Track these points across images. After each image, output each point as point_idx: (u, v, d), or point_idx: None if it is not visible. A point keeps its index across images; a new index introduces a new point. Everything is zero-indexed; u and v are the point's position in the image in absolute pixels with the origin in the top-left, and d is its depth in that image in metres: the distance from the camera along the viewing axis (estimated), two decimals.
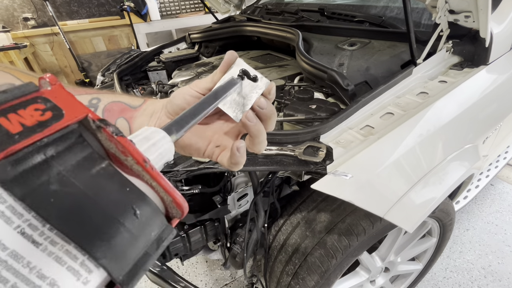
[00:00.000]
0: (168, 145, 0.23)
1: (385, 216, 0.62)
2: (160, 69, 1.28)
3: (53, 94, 0.18)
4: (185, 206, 0.20)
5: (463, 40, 0.84)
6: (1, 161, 0.14)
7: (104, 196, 0.17)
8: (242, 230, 0.91)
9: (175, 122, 0.25)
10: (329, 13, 1.23)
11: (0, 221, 0.13)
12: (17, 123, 0.15)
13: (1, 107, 0.15)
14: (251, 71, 0.32)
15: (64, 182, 0.16)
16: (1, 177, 0.14)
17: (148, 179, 0.19)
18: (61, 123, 0.17)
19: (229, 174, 0.84)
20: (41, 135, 0.16)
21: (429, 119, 0.70)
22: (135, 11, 3.28)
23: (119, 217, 0.16)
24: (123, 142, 0.18)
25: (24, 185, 0.14)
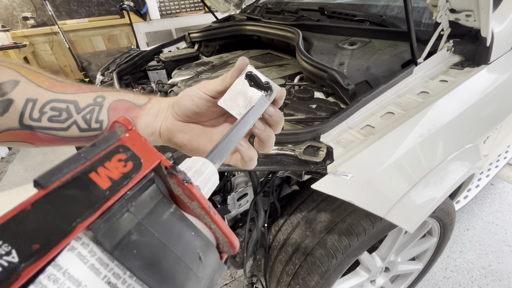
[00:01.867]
0: (215, 177, 0.24)
1: (385, 216, 0.62)
2: (160, 68, 1.28)
3: (131, 141, 0.19)
4: (238, 245, 0.21)
5: (464, 39, 0.84)
6: (97, 220, 0.15)
7: (175, 242, 0.18)
8: (242, 230, 0.90)
9: (217, 150, 0.27)
10: (329, 12, 1.23)
11: (91, 274, 0.15)
12: (106, 177, 0.17)
13: (91, 161, 0.17)
14: (262, 77, 0.32)
15: (142, 231, 0.17)
16: (95, 233, 0.15)
17: (208, 221, 0.20)
18: (140, 174, 0.18)
19: (229, 174, 0.83)
20: (126, 189, 0.17)
21: (430, 118, 0.70)
22: (135, 10, 3.28)
23: (188, 263, 0.18)
24: (192, 188, 0.19)
25: (112, 239, 0.16)
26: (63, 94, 0.33)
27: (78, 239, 0.15)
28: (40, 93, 0.32)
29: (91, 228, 0.15)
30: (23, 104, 0.32)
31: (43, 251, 0.13)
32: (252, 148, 0.33)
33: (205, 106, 0.33)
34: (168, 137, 0.36)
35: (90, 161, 0.17)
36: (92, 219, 0.15)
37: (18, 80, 0.32)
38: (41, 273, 0.13)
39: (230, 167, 0.64)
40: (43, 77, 0.34)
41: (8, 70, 0.32)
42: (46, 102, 0.32)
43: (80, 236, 0.15)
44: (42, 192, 0.14)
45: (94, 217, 0.15)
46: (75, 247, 0.15)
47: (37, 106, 0.32)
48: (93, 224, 0.15)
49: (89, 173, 0.16)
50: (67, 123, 0.33)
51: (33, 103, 0.32)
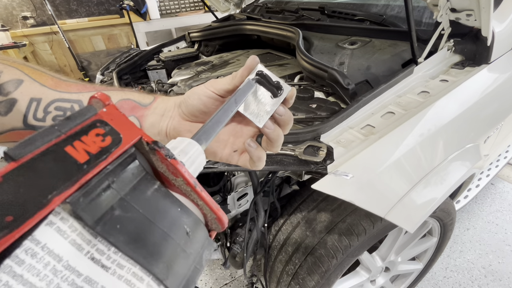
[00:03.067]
0: (201, 157, 0.24)
1: (386, 216, 0.62)
2: (160, 68, 1.28)
3: (109, 116, 0.19)
4: (226, 221, 0.21)
5: (465, 39, 0.83)
6: (75, 193, 0.15)
7: (160, 218, 0.18)
8: (242, 230, 0.90)
9: (204, 131, 0.26)
10: (329, 12, 1.22)
11: (73, 249, 0.14)
12: (83, 151, 0.16)
13: (66, 134, 0.16)
14: (273, 77, 0.32)
15: (126, 207, 0.17)
16: (74, 207, 0.15)
17: (195, 198, 0.20)
18: (120, 148, 0.18)
19: (229, 174, 0.83)
20: (105, 163, 0.17)
21: (430, 118, 0.69)
22: (135, 9, 3.27)
23: (175, 238, 0.18)
24: (176, 164, 0.19)
25: (93, 213, 0.15)
26: (68, 94, 0.33)
27: (56, 213, 0.14)
28: (44, 92, 0.32)
29: (69, 201, 0.14)
30: (27, 103, 0.31)
31: (17, 223, 0.12)
32: (260, 148, 0.32)
33: (213, 105, 0.33)
34: (175, 137, 0.35)
35: (65, 134, 0.16)
36: (70, 192, 0.14)
37: (21, 79, 0.31)
38: (18, 248, 0.13)
39: (230, 167, 0.64)
40: (46, 76, 0.33)
41: (11, 69, 0.31)
42: (50, 101, 0.32)
43: (58, 211, 0.14)
44: (13, 164, 0.14)
45: (71, 191, 0.15)
46: (53, 221, 0.14)
47: (41, 106, 0.32)
48: (71, 197, 0.14)
49: (64, 147, 0.15)
50: None
51: (37, 102, 0.32)
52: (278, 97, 0.32)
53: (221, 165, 0.64)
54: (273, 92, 0.31)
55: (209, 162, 0.64)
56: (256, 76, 0.31)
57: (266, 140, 0.33)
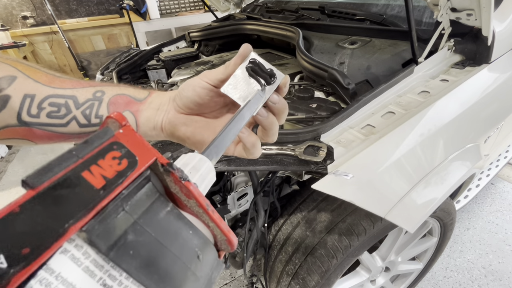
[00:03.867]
0: (212, 173, 0.24)
1: (386, 216, 0.62)
2: (160, 67, 1.28)
3: (126, 138, 0.19)
4: (236, 242, 0.21)
5: (465, 38, 0.83)
6: (90, 221, 0.15)
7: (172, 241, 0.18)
8: (242, 230, 0.90)
9: (214, 146, 0.26)
10: (329, 11, 1.22)
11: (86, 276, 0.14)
12: (100, 176, 0.16)
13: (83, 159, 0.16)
14: (266, 64, 0.31)
15: (139, 231, 0.16)
16: (89, 235, 0.14)
17: (206, 219, 0.20)
18: (136, 171, 0.17)
19: (229, 174, 0.83)
20: (121, 188, 0.16)
21: (431, 118, 0.69)
22: (135, 9, 3.27)
23: (186, 262, 0.18)
24: (189, 186, 0.19)
25: (107, 240, 0.15)
26: (62, 90, 0.33)
27: (71, 241, 0.14)
28: (38, 88, 0.32)
29: (85, 229, 0.14)
30: (20, 100, 0.31)
31: (34, 255, 0.12)
32: (253, 134, 0.32)
33: (208, 96, 0.33)
34: (171, 130, 0.35)
35: (82, 159, 0.16)
36: (86, 220, 0.14)
37: (15, 75, 0.31)
38: (33, 278, 0.13)
39: (230, 167, 0.63)
40: (40, 73, 0.33)
41: (4, 66, 0.31)
42: (44, 97, 0.32)
43: (73, 238, 0.14)
44: (31, 192, 0.14)
45: (88, 218, 0.14)
46: (68, 249, 0.14)
47: (35, 102, 0.31)
48: (87, 225, 0.14)
49: (81, 172, 0.15)
50: (66, 119, 0.33)
51: (31, 99, 0.31)
52: (272, 84, 0.31)
53: (221, 165, 0.64)
54: (266, 80, 0.31)
55: None
56: (249, 63, 0.31)
57: (261, 129, 0.33)
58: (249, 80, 0.31)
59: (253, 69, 0.31)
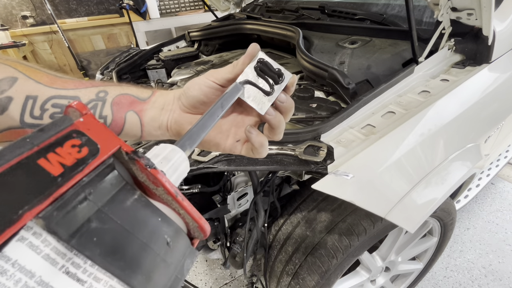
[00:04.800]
0: (185, 163, 0.24)
1: (386, 216, 0.62)
2: (160, 67, 1.27)
3: (86, 125, 0.18)
4: (209, 229, 0.20)
5: (465, 38, 0.83)
6: (48, 208, 0.14)
7: (140, 228, 0.17)
8: (242, 230, 0.90)
9: (188, 137, 0.26)
10: (329, 11, 1.22)
11: (46, 264, 0.14)
12: (57, 163, 0.15)
13: (39, 146, 0.15)
14: (274, 64, 0.32)
15: (103, 219, 0.16)
16: (47, 222, 0.14)
17: (176, 207, 0.20)
18: (97, 159, 0.17)
19: (229, 174, 0.83)
20: (81, 175, 0.16)
21: (431, 118, 0.69)
22: (134, 9, 3.26)
23: (155, 249, 0.17)
24: (156, 174, 0.19)
25: (68, 227, 0.15)
26: (64, 90, 0.32)
27: (28, 228, 0.14)
28: (40, 89, 0.31)
29: (41, 216, 0.14)
30: (22, 101, 0.31)
31: None
32: (261, 134, 0.32)
33: (214, 95, 0.33)
34: (177, 130, 0.35)
35: (37, 147, 0.15)
36: (42, 206, 0.14)
37: (16, 76, 0.31)
38: None
39: (230, 167, 0.63)
40: (41, 73, 0.33)
41: (4, 67, 0.31)
42: (47, 98, 0.31)
43: (30, 226, 0.14)
44: None
45: (44, 205, 0.14)
46: (25, 237, 0.14)
47: (37, 103, 0.31)
48: (44, 211, 0.14)
49: (37, 159, 0.15)
50: None
51: (34, 100, 0.31)
52: (280, 84, 0.32)
53: (221, 165, 0.64)
54: (275, 79, 0.31)
55: (210, 161, 0.64)
56: (258, 63, 0.31)
57: (268, 127, 0.33)
58: (258, 79, 0.31)
59: (261, 69, 0.31)
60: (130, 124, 0.35)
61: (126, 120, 0.34)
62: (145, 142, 0.75)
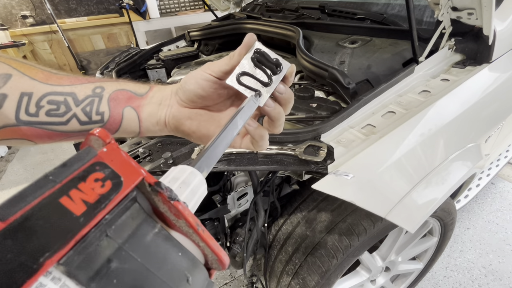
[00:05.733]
0: (203, 187, 0.23)
1: (386, 216, 0.62)
2: (159, 67, 1.27)
3: (110, 157, 0.17)
4: (228, 262, 0.20)
5: (466, 37, 0.83)
6: (69, 252, 0.13)
7: (160, 266, 0.16)
8: (242, 230, 0.90)
9: (206, 157, 0.25)
10: (330, 11, 1.22)
11: None
12: (80, 201, 0.15)
13: (62, 183, 0.15)
14: (271, 54, 0.31)
15: (124, 257, 0.15)
16: (68, 268, 0.13)
17: (196, 239, 0.19)
18: (120, 193, 0.16)
19: (229, 173, 0.83)
20: (104, 212, 0.15)
21: (431, 118, 0.69)
22: (134, 8, 3.26)
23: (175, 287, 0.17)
24: (178, 206, 0.18)
25: (88, 270, 0.14)
26: (60, 87, 0.32)
27: (47, 274, 0.13)
28: (35, 86, 0.31)
29: (62, 262, 0.13)
30: (17, 98, 0.30)
31: None
32: (261, 127, 0.32)
33: (211, 88, 0.32)
34: (175, 125, 0.35)
35: (60, 184, 0.14)
36: (64, 251, 0.13)
37: (9, 73, 0.30)
38: None
39: (230, 167, 0.63)
40: (36, 70, 0.32)
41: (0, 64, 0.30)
42: (42, 95, 0.31)
43: (50, 271, 0.13)
44: (0, 225, 0.12)
45: (66, 250, 0.13)
46: (43, 283, 0.13)
47: (33, 100, 0.30)
48: (65, 257, 0.13)
49: (59, 198, 0.14)
50: (66, 117, 0.32)
51: (29, 97, 0.30)
52: (278, 74, 0.31)
53: (221, 165, 0.63)
54: (272, 70, 0.31)
55: None
56: (254, 54, 0.30)
57: (267, 120, 0.33)
58: (255, 70, 0.30)
59: (258, 59, 0.30)
60: (128, 120, 0.34)
61: (124, 116, 0.34)
62: (145, 142, 0.75)
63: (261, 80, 0.30)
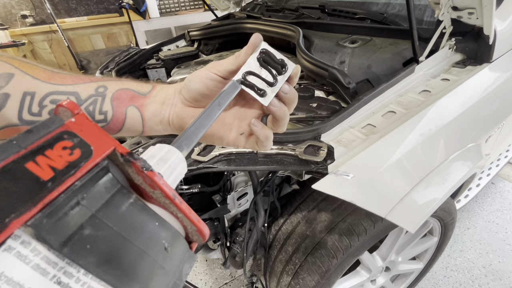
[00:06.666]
0: (182, 164, 0.23)
1: (387, 216, 0.62)
2: (159, 67, 1.27)
3: (78, 126, 0.17)
4: (208, 233, 0.20)
5: (466, 37, 0.83)
6: (37, 215, 0.13)
7: (136, 234, 0.16)
8: (242, 230, 0.90)
9: (185, 137, 0.25)
10: (330, 10, 1.22)
11: (36, 274, 0.13)
12: (47, 167, 0.14)
13: (27, 149, 0.14)
14: (277, 55, 0.31)
15: (97, 225, 0.15)
16: (37, 230, 0.13)
17: (174, 210, 0.19)
18: (90, 162, 0.16)
19: (229, 173, 0.83)
20: (73, 179, 0.15)
21: (432, 117, 0.69)
22: (134, 8, 3.26)
23: (152, 255, 0.17)
24: (153, 176, 0.18)
25: (60, 235, 0.14)
26: (62, 86, 0.32)
27: (16, 237, 0.13)
28: (37, 85, 0.31)
29: (30, 224, 0.13)
30: (20, 98, 0.30)
31: None
32: (266, 127, 0.32)
33: (216, 87, 0.32)
34: (179, 124, 0.35)
35: (25, 150, 0.14)
36: (31, 213, 0.13)
37: (12, 73, 0.30)
38: None
39: (230, 167, 0.63)
40: (38, 69, 0.32)
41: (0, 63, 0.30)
42: (45, 95, 0.31)
43: (18, 234, 0.13)
44: None
45: (33, 212, 0.13)
46: (12, 246, 0.13)
47: (35, 100, 0.30)
48: (33, 219, 0.13)
49: (24, 163, 0.14)
50: None
51: (31, 96, 0.30)
52: (283, 74, 0.31)
53: (221, 164, 0.63)
54: (278, 70, 0.31)
55: (209, 161, 0.64)
56: (260, 54, 0.31)
57: (272, 120, 0.33)
58: (261, 70, 0.31)
59: (264, 60, 0.31)
60: (131, 120, 0.34)
61: (127, 115, 0.34)
62: (145, 142, 0.75)
63: (267, 80, 0.31)
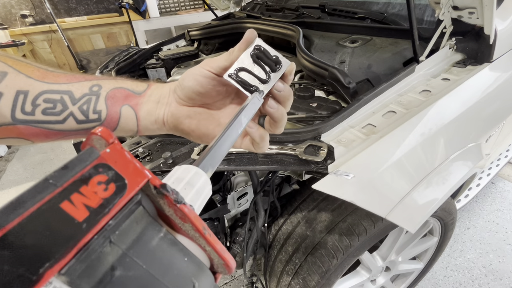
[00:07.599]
0: (208, 188, 0.22)
1: (387, 216, 0.62)
2: (159, 66, 1.27)
3: (113, 158, 0.16)
4: (234, 266, 0.19)
5: (467, 37, 0.83)
6: (71, 261, 0.13)
7: (166, 272, 0.16)
8: (242, 230, 0.90)
9: (210, 157, 0.24)
10: (330, 10, 1.21)
11: None
12: (82, 206, 0.14)
13: (63, 187, 0.14)
14: (271, 51, 0.30)
15: (128, 264, 0.15)
16: (70, 278, 0.13)
17: (203, 243, 0.18)
18: (125, 197, 0.15)
19: (229, 173, 0.83)
20: (108, 218, 0.14)
21: (432, 117, 0.69)
22: (134, 8, 3.26)
23: None
24: (184, 209, 0.17)
25: (91, 279, 0.13)
26: (56, 85, 0.31)
27: (48, 284, 0.12)
28: (31, 84, 0.30)
29: (63, 272, 0.12)
30: (13, 97, 0.29)
31: None
32: (261, 129, 0.32)
33: (210, 85, 0.32)
34: (174, 124, 0.34)
35: (61, 188, 0.14)
36: (65, 261, 0.12)
37: (5, 71, 0.29)
38: None
39: (230, 167, 0.63)
40: (32, 67, 0.32)
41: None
42: (38, 93, 0.30)
43: (50, 281, 0.12)
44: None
45: (67, 259, 0.13)
46: None
47: (29, 99, 0.30)
48: (66, 267, 0.13)
49: (60, 203, 0.13)
50: (63, 115, 0.31)
51: (24, 95, 0.30)
52: (277, 72, 0.30)
53: (221, 164, 0.63)
54: (271, 67, 0.30)
55: None
56: (254, 50, 0.30)
57: (269, 121, 0.32)
58: (254, 66, 0.30)
59: (258, 56, 0.30)
60: (126, 119, 0.34)
61: (121, 114, 0.34)
62: (145, 141, 0.75)
63: (259, 76, 0.30)
